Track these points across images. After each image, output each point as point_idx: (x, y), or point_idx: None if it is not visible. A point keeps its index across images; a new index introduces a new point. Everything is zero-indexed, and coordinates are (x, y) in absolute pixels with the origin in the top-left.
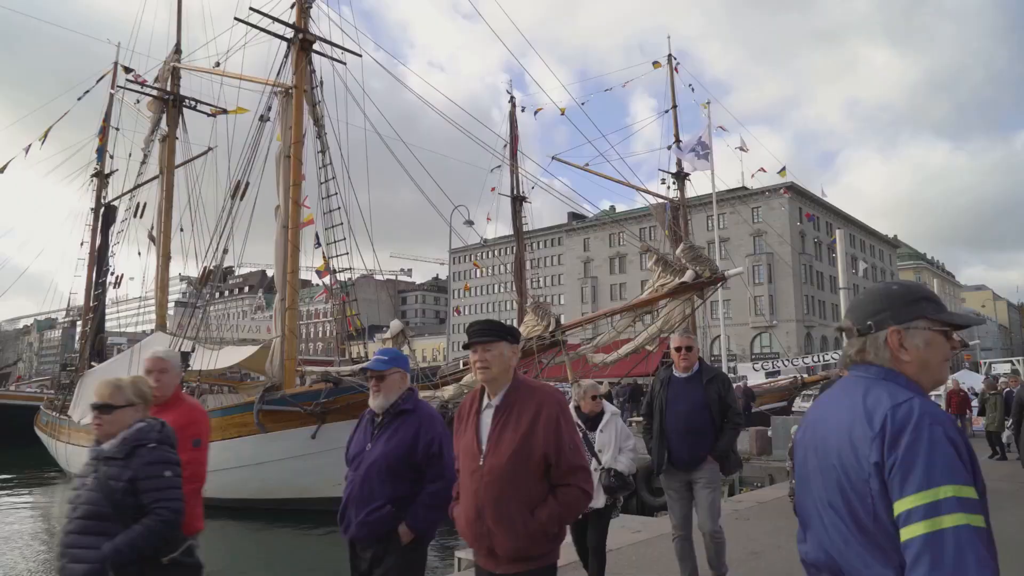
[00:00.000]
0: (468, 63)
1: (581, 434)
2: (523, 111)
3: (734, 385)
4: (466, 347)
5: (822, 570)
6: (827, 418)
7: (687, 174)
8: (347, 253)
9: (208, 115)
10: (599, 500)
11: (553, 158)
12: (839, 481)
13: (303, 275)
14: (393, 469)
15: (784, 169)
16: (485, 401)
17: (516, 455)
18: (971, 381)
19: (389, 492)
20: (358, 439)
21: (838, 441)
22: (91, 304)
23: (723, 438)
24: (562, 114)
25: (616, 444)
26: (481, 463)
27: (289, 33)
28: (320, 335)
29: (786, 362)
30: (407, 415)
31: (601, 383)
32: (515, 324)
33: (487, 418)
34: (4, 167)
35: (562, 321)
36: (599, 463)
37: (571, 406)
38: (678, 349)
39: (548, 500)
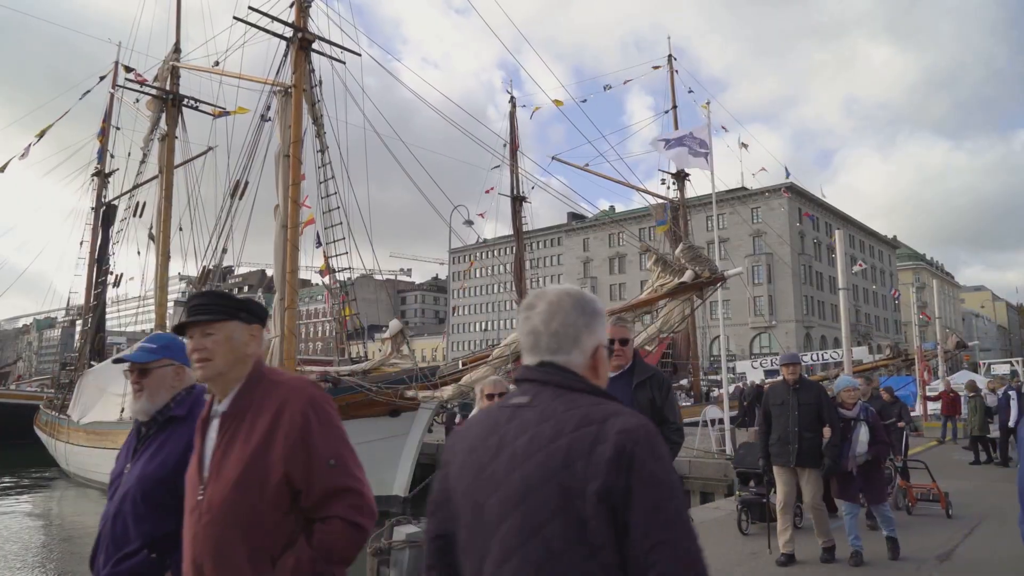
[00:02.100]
0: (462, 60)
1: None
2: (523, 108)
3: (737, 385)
4: (178, 330)
5: None
6: None
7: (687, 174)
8: (346, 253)
9: (211, 116)
10: None
11: (553, 158)
12: None
13: (302, 274)
14: (152, 498)
15: (789, 175)
16: (214, 408)
17: (243, 481)
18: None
19: (148, 530)
20: (120, 457)
21: None
22: (91, 303)
23: None
24: (557, 106)
25: None
26: (200, 496)
27: (288, 32)
28: (319, 335)
29: None
30: (178, 424)
31: None
32: (515, 324)
33: (213, 431)
34: (4, 167)
35: None
36: None
37: (475, 411)
38: (611, 342)
39: (298, 543)
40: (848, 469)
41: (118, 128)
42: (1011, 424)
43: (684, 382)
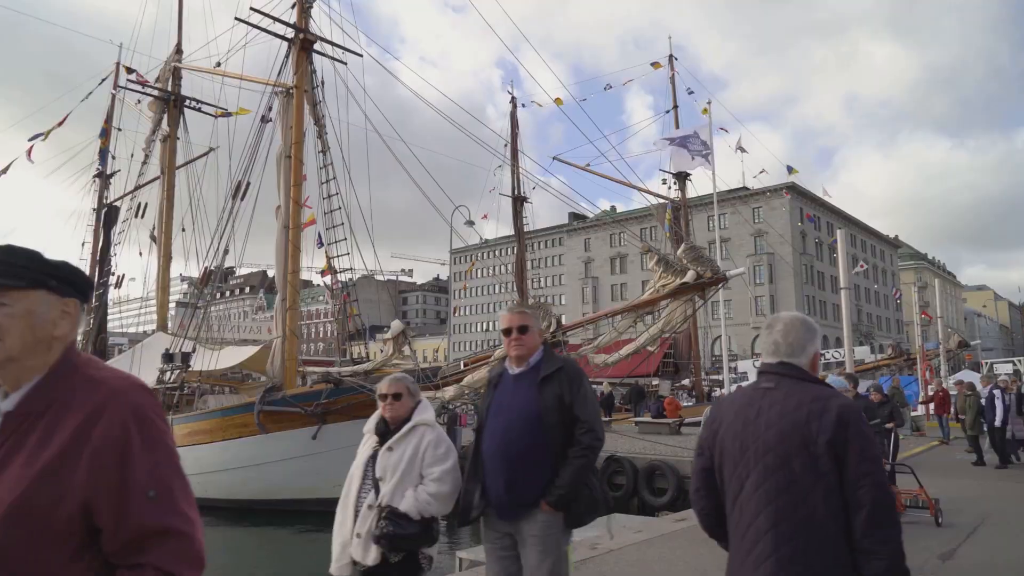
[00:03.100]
0: (460, 59)
1: (369, 453)
2: (523, 108)
3: (739, 384)
4: None
5: None
6: None
7: (688, 174)
8: (348, 253)
9: (213, 116)
10: (369, 555)
11: (554, 158)
12: None
13: (304, 275)
14: None
15: (793, 169)
16: None
17: (21, 508)
18: (972, 380)
19: None
20: None
21: None
22: (92, 304)
23: (563, 473)
24: (557, 104)
25: (410, 470)
26: None
27: (290, 33)
28: (321, 335)
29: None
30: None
31: (601, 382)
32: None
33: None
34: (6, 168)
35: (563, 322)
36: (376, 497)
37: (374, 417)
38: (506, 332)
39: None
40: None
41: (119, 129)
42: (996, 423)
43: (686, 382)
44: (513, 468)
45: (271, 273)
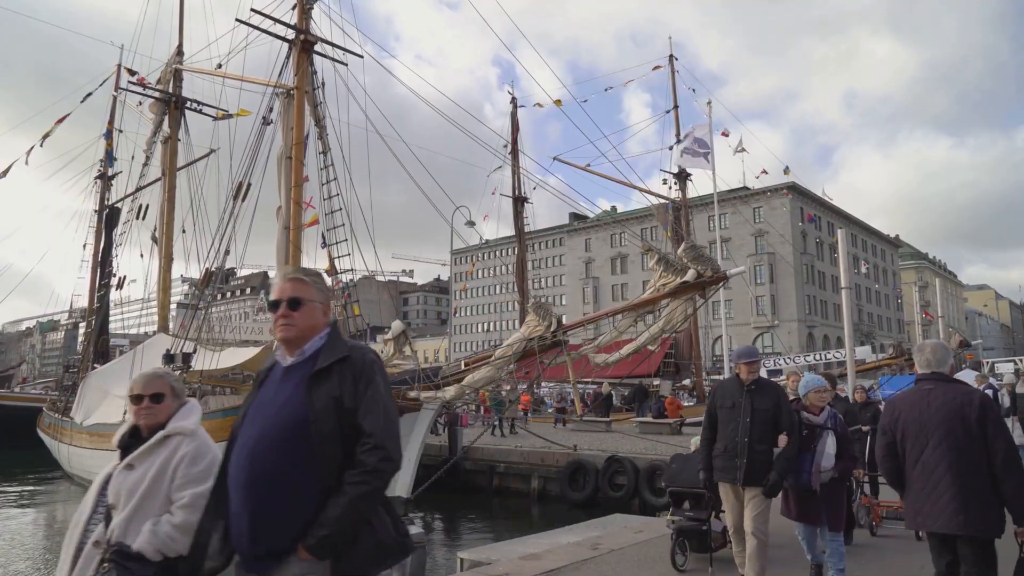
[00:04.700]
0: (457, 57)
1: (109, 472)
2: (522, 108)
3: None
4: None
5: None
6: None
7: (689, 174)
8: (349, 254)
9: (213, 118)
10: None
11: (555, 159)
12: None
13: None
14: None
15: (788, 169)
16: None
17: None
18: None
19: None
20: None
21: None
22: (94, 305)
23: (331, 506)
24: (558, 106)
25: (152, 494)
26: None
27: (290, 34)
28: None
29: (788, 360)
30: None
31: (601, 382)
32: (517, 325)
33: None
34: (6, 171)
35: (563, 321)
36: (105, 531)
37: (124, 425)
38: (273, 305)
39: None
40: (812, 487)
41: (120, 131)
42: None
43: (687, 382)
44: (260, 499)
45: (272, 274)
